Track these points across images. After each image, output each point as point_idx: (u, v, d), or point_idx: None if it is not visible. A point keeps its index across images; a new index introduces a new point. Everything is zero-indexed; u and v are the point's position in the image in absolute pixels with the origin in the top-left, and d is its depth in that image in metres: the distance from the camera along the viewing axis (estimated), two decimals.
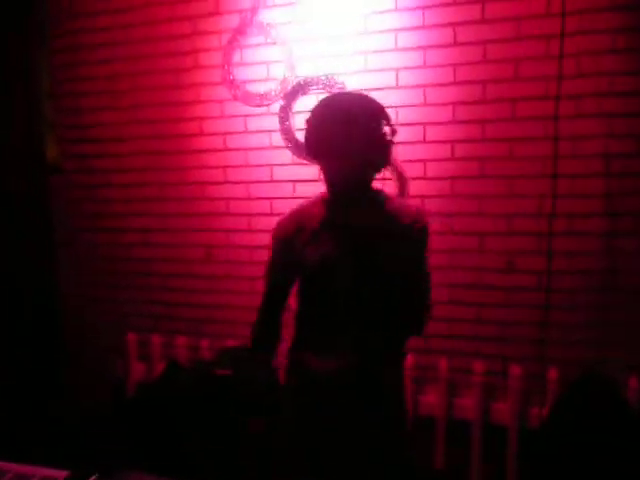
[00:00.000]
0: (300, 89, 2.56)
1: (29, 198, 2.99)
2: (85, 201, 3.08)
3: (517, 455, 2.35)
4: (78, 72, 3.00)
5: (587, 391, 2.10)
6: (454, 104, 2.36)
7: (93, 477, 1.30)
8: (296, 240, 1.56)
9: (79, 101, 3.02)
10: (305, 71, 2.56)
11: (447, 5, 2.32)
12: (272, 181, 2.69)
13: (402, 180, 2.44)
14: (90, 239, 3.08)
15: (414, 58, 2.40)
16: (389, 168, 1.65)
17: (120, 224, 3.01)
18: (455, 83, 2.36)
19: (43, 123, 3.05)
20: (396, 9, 2.40)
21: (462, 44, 2.33)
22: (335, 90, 2.49)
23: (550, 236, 2.24)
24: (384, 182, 2.46)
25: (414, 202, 1.62)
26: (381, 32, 2.43)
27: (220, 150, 2.77)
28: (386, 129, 1.48)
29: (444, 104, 2.38)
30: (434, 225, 1.65)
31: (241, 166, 2.74)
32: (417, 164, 2.43)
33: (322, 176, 1.57)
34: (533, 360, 2.31)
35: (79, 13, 2.95)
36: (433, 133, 2.41)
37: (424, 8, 2.35)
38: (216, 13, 2.70)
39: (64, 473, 1.34)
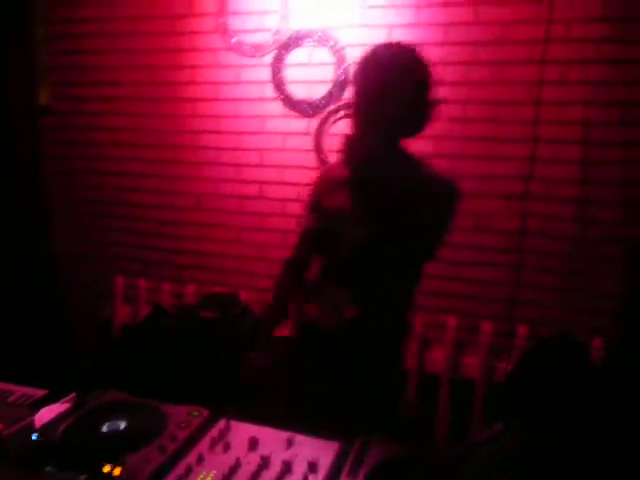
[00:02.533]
0: (294, 42, 2.57)
1: (20, 138, 3.01)
2: (78, 144, 3.10)
3: (483, 406, 2.47)
4: (75, 14, 2.98)
5: (552, 347, 2.20)
6: (443, 64, 2.39)
7: (71, 395, 1.38)
8: (323, 191, 1.58)
9: (75, 43, 3.01)
10: (300, 24, 2.57)
11: None
12: (263, 132, 2.72)
13: None
14: (82, 181, 3.12)
15: (408, 15, 2.41)
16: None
17: (113, 168, 3.05)
18: (445, 44, 2.38)
19: (37, 65, 3.05)
20: None
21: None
22: (329, 44, 2.51)
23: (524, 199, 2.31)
24: None
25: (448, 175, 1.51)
26: None
27: (212, 100, 2.79)
28: (431, 95, 1.42)
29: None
30: None
31: (233, 116, 2.77)
32: None
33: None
34: (504, 319, 2.41)
35: None
36: None
37: None
38: None
39: (43, 391, 1.43)
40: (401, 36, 2.42)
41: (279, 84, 2.63)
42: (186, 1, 2.74)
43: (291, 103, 2.63)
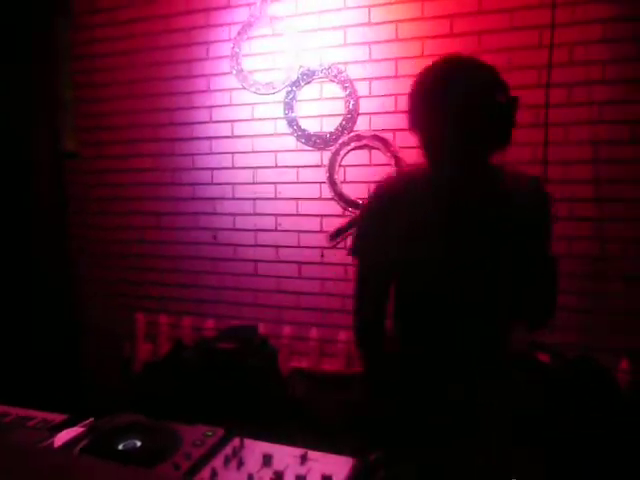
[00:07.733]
0: (304, 78, 2.67)
1: (46, 183, 3.14)
2: (100, 185, 3.22)
3: None
4: (96, 64, 3.16)
5: (578, 370, 2.15)
6: None
7: (89, 420, 1.40)
8: (397, 221, 1.32)
9: (97, 91, 3.18)
10: (309, 61, 2.67)
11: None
12: (276, 166, 2.79)
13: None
14: (102, 222, 3.22)
15: (414, 48, 2.49)
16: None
17: (132, 207, 3.15)
18: None
19: (63, 114, 3.21)
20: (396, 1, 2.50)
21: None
22: (338, 79, 2.59)
23: None
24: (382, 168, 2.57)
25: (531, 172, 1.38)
26: (383, 23, 2.53)
27: (228, 137, 2.88)
28: (505, 101, 1.22)
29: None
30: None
31: (247, 152, 2.85)
32: None
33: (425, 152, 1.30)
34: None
35: (100, 9, 3.12)
36: None
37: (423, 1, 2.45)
38: (227, 6, 2.83)
39: (63, 416, 1.45)
40: (407, 68, 2.50)
41: (291, 119, 2.71)
42: (203, 45, 2.88)
43: (304, 137, 2.70)
